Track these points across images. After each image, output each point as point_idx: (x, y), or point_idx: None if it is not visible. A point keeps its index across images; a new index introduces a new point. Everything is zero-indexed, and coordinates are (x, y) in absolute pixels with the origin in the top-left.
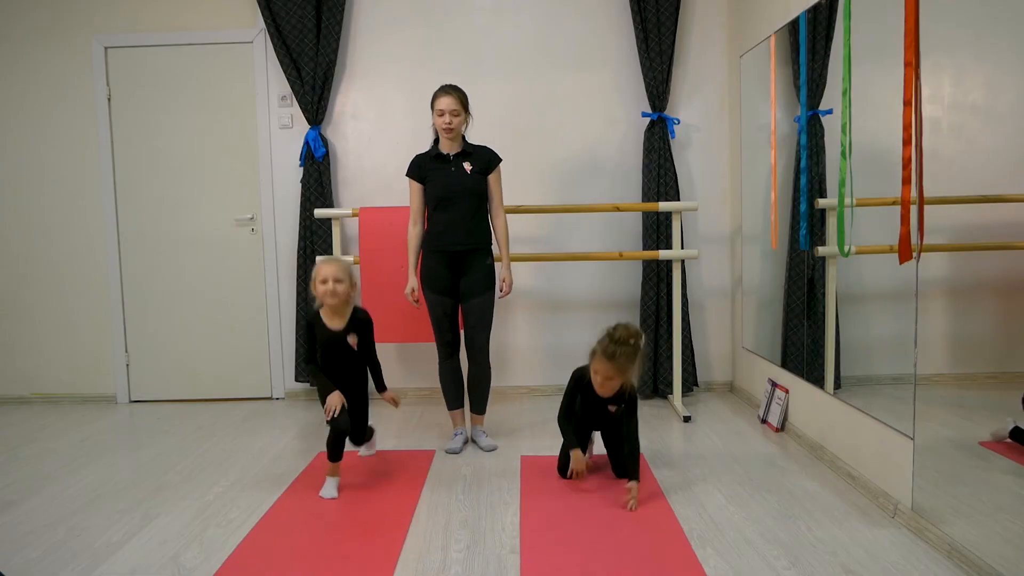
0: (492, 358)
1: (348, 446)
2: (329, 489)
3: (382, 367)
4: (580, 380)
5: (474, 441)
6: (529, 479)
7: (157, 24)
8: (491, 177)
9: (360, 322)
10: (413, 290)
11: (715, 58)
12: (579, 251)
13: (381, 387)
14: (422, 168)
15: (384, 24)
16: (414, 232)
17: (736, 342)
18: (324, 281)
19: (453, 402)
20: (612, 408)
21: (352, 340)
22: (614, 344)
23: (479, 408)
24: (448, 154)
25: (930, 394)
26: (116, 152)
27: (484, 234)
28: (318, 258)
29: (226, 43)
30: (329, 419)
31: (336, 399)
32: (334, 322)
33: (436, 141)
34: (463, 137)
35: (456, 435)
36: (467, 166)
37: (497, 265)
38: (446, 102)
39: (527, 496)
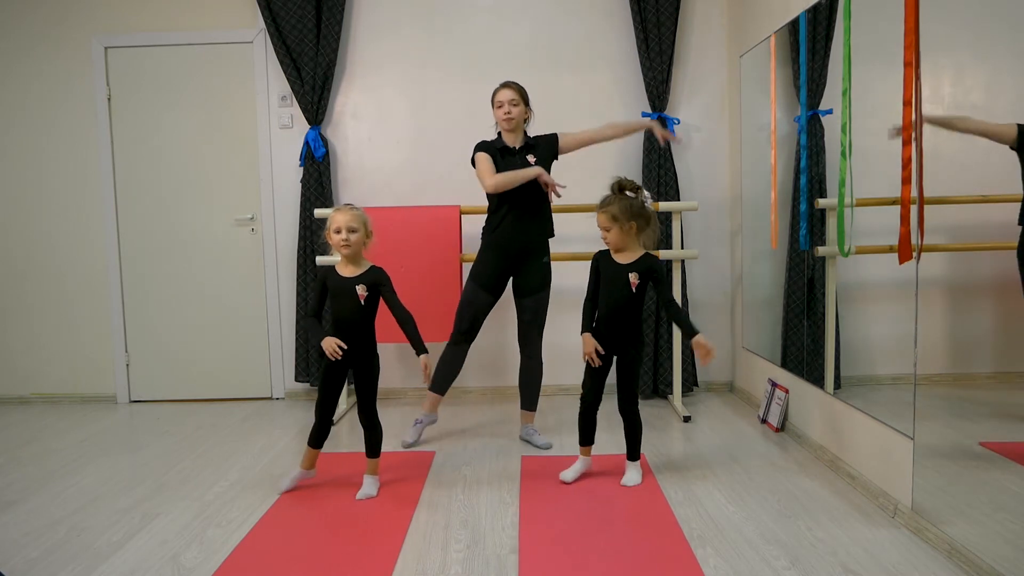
0: (492, 358)
1: (348, 445)
2: (287, 481)
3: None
4: (598, 255)
5: (527, 440)
6: (529, 479)
7: (157, 24)
8: (564, 145)
9: (373, 276)
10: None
11: (715, 58)
12: (579, 251)
13: (418, 348)
14: (489, 150)
15: (384, 24)
16: (499, 176)
17: (736, 342)
18: (338, 231)
19: (437, 386)
20: (633, 279)
21: (360, 291)
22: (610, 194)
23: (531, 405)
24: (513, 147)
25: (930, 394)
26: (116, 152)
27: (544, 230)
28: (333, 209)
29: (226, 43)
30: (323, 371)
31: (331, 341)
32: (346, 270)
33: (499, 135)
34: (524, 131)
35: (416, 423)
36: (531, 159)
37: (552, 263)
38: (505, 94)
39: (527, 496)
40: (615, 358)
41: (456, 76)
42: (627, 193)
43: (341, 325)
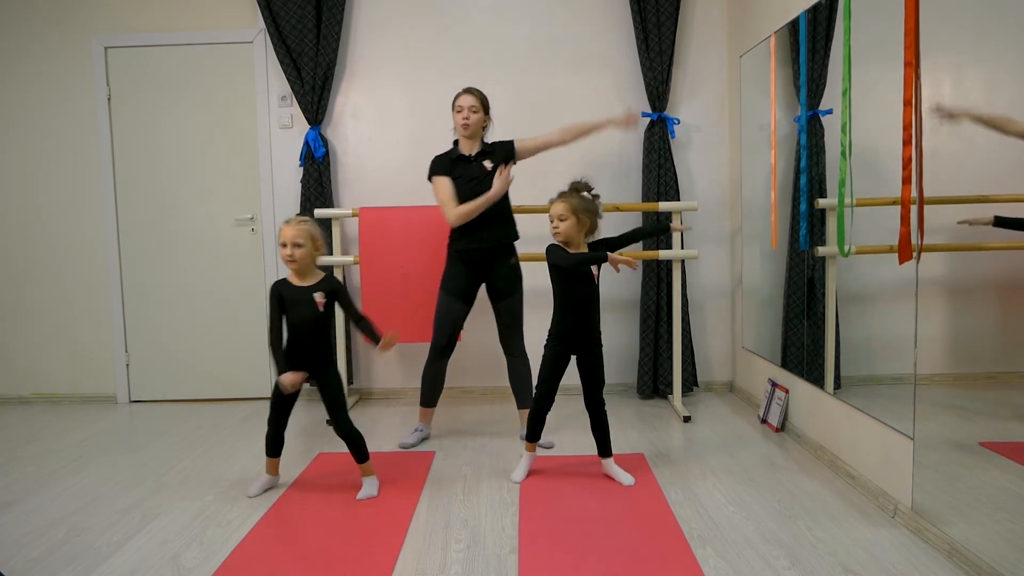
0: (492, 358)
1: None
2: (255, 487)
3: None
4: (552, 247)
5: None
6: (528, 479)
7: (157, 24)
8: (521, 150)
9: (330, 283)
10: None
11: (715, 58)
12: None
13: (375, 338)
14: (444, 167)
15: (384, 24)
16: (463, 207)
17: (736, 342)
18: (283, 245)
19: (427, 400)
20: (594, 269)
21: (319, 298)
22: (567, 190)
23: (526, 403)
24: (468, 155)
25: (930, 394)
26: (116, 152)
27: (508, 232)
28: (284, 221)
29: (226, 43)
30: (275, 396)
31: (288, 378)
32: (300, 281)
33: (456, 143)
34: (482, 139)
35: (416, 431)
36: (487, 164)
37: (522, 264)
38: (465, 100)
39: (526, 496)
40: (575, 358)
41: (456, 76)
42: (583, 194)
43: (298, 335)
